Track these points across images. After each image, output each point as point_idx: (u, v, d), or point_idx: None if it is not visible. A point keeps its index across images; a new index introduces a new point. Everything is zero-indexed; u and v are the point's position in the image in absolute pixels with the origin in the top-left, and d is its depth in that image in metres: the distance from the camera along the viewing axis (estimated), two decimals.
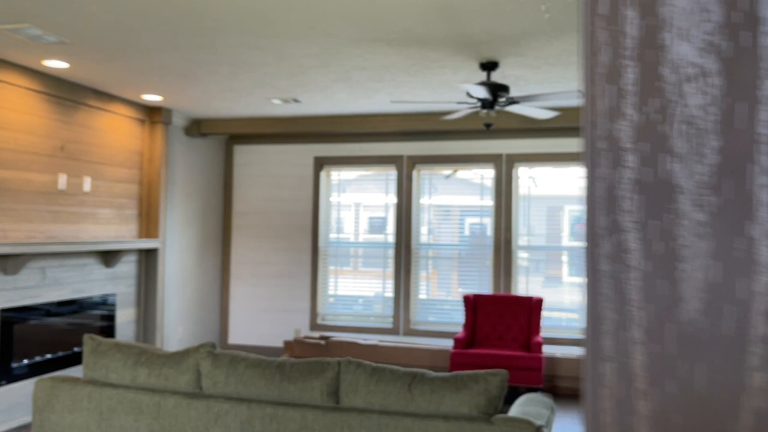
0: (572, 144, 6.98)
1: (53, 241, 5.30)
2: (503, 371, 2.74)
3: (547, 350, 6.83)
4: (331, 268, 7.87)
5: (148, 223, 6.85)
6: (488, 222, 7.34)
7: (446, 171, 7.51)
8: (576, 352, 6.72)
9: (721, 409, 0.59)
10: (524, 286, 7.15)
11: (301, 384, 2.86)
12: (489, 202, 7.32)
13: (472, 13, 3.83)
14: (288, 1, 3.66)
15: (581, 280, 5.76)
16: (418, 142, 7.49)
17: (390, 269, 7.61)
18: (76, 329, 5.87)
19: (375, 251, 7.70)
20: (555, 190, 7.21)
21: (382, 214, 7.71)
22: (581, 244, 5.72)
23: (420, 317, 7.50)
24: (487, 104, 4.89)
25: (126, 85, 5.90)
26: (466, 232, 7.44)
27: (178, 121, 7.20)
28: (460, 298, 7.38)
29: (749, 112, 0.59)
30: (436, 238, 7.52)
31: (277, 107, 6.72)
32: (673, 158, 0.61)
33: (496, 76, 5.30)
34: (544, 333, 6.99)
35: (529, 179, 7.22)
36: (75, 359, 5.87)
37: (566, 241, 7.14)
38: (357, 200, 7.85)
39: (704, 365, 0.60)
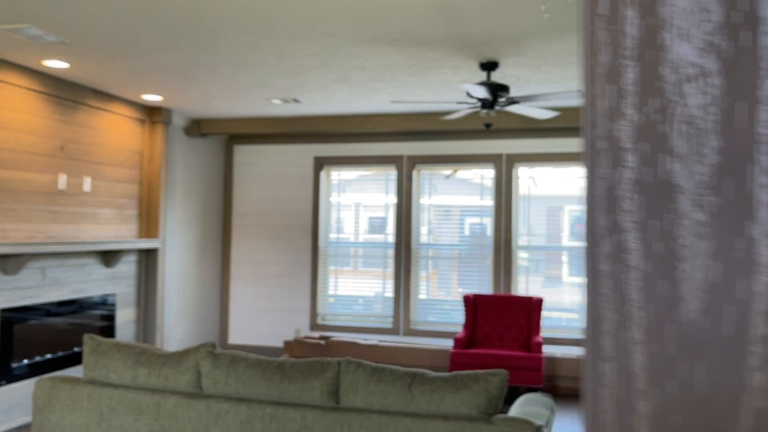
0: (572, 144, 6.98)
1: (53, 241, 5.30)
2: (503, 371, 2.74)
3: (547, 350, 6.83)
4: (331, 268, 7.87)
5: (148, 223, 6.85)
6: (488, 222, 7.34)
7: (446, 171, 7.51)
8: (576, 352, 6.72)
9: (721, 409, 0.59)
10: (524, 286, 7.15)
11: (301, 384, 2.86)
12: (489, 202, 7.32)
13: (472, 13, 3.83)
14: (288, 1, 3.66)
15: (581, 280, 5.76)
16: (418, 142, 7.49)
17: (390, 269, 7.61)
18: (76, 329, 5.87)
19: (375, 251, 7.70)
20: (555, 190, 7.21)
21: (382, 214, 7.71)
22: (581, 244, 5.72)
23: (420, 317, 7.50)
24: (487, 104, 4.89)
25: (126, 85, 5.90)
26: (466, 232, 7.44)
27: (178, 121, 7.20)
28: (460, 298, 7.38)
29: (749, 112, 0.59)
30: (436, 238, 7.52)
31: (277, 107, 6.73)
32: (673, 158, 0.61)
33: (496, 76, 5.30)
34: (544, 333, 6.99)
35: (529, 179, 7.22)
36: (75, 359, 5.87)
37: (566, 241, 7.14)
38: (357, 200, 7.85)
39: (704, 365, 0.60)
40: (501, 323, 6.54)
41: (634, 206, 0.62)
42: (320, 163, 7.85)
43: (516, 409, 2.98)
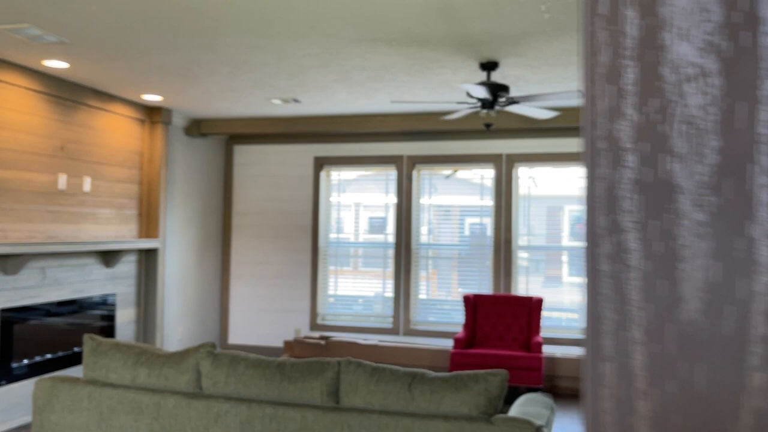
0: (572, 144, 6.98)
1: (53, 241, 5.30)
2: (503, 371, 2.73)
3: (547, 350, 6.83)
4: (331, 268, 7.87)
5: (148, 223, 6.85)
6: (488, 222, 7.34)
7: (446, 171, 7.51)
8: (576, 352, 6.72)
9: (721, 409, 0.59)
10: (524, 286, 7.15)
11: (301, 384, 2.86)
12: (489, 202, 7.31)
13: (472, 13, 3.83)
14: (288, 1, 3.66)
15: (581, 280, 5.76)
16: (418, 142, 7.49)
17: (390, 269, 7.61)
18: (76, 329, 5.87)
19: (375, 251, 7.70)
20: (555, 190, 7.21)
21: (382, 214, 7.71)
22: (581, 244, 5.72)
23: (420, 317, 7.50)
24: (487, 104, 4.89)
25: (126, 85, 5.90)
26: (466, 232, 7.44)
27: (178, 121, 7.20)
28: (460, 298, 7.38)
29: (749, 112, 0.59)
30: (436, 238, 7.52)
31: (277, 107, 6.72)
32: (673, 158, 0.61)
33: (496, 76, 5.30)
34: (544, 333, 6.99)
35: (529, 179, 7.22)
36: (75, 359, 5.87)
37: (566, 241, 7.13)
38: (357, 200, 7.85)
39: (704, 365, 0.60)
40: (501, 323, 6.54)
41: (634, 206, 0.62)
42: (320, 163, 7.85)
43: (516, 409, 2.98)
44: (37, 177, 5.46)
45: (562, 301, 7.09)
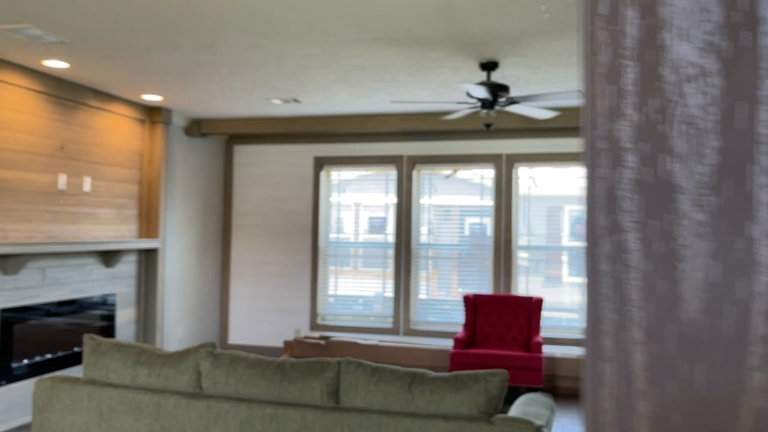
0: (572, 144, 6.98)
1: (53, 241, 5.30)
2: (503, 371, 2.73)
3: (547, 350, 6.83)
4: (331, 268, 7.87)
5: (148, 223, 6.85)
6: (488, 222, 7.34)
7: (446, 171, 7.51)
8: (576, 352, 6.72)
9: (721, 409, 0.59)
10: (524, 286, 7.15)
11: (301, 384, 2.86)
12: (489, 202, 7.31)
13: (472, 13, 3.83)
14: (288, 1, 3.66)
15: (581, 280, 5.76)
16: (418, 142, 7.49)
17: (390, 269, 7.61)
18: (76, 329, 5.87)
19: (375, 251, 7.70)
20: (555, 190, 7.21)
21: (382, 214, 7.71)
22: (581, 244, 5.72)
23: (420, 317, 7.49)
24: (487, 104, 4.89)
25: (126, 85, 5.90)
26: (466, 232, 7.44)
27: (178, 121, 7.20)
28: (460, 298, 7.37)
29: (749, 112, 0.59)
30: (436, 238, 7.52)
31: (277, 107, 6.72)
32: (673, 158, 0.61)
33: (496, 76, 5.30)
34: (544, 333, 6.99)
35: (529, 179, 7.22)
36: (75, 359, 5.87)
37: (566, 241, 7.13)
38: (357, 200, 7.84)
39: (704, 365, 0.60)
40: (501, 323, 6.54)
41: (634, 206, 0.62)
42: (320, 163, 7.85)
43: (516, 409, 2.98)
44: (37, 177, 5.46)
45: (562, 301, 7.09)
